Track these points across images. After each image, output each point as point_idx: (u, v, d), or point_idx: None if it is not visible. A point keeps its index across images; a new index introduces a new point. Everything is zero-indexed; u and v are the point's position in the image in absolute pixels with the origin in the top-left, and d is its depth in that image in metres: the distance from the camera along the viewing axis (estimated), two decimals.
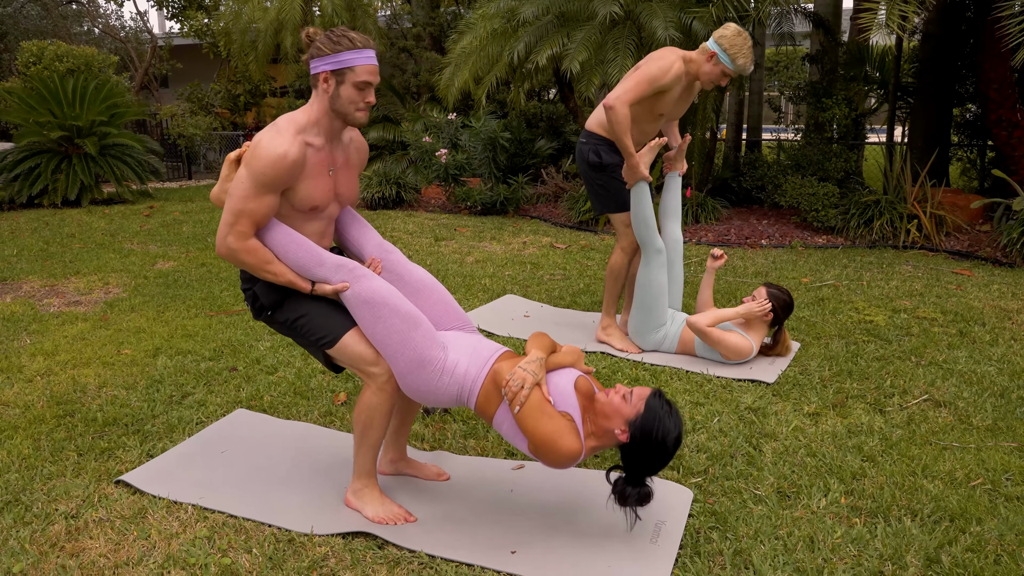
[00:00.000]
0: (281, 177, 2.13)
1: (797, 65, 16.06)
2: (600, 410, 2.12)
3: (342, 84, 2.15)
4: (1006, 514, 2.34)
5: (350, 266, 2.23)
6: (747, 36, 3.60)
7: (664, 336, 3.86)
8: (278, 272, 2.21)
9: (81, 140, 9.15)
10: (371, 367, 2.23)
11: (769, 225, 7.61)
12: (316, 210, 2.27)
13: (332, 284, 2.22)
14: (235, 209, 2.14)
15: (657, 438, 2.05)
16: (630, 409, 2.08)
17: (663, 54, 3.66)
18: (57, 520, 2.34)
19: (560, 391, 2.14)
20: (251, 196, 2.13)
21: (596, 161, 3.86)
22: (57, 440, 2.88)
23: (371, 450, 2.32)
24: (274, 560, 2.14)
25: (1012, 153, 6.92)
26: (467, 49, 7.84)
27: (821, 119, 8.07)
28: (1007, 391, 3.33)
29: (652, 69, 3.60)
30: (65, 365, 3.69)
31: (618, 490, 2.14)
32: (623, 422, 2.08)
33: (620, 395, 2.11)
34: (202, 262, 6.03)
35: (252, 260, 2.19)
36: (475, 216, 8.58)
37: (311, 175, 2.21)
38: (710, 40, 3.64)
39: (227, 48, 12.62)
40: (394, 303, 2.20)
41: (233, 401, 3.26)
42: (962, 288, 5.14)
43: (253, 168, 2.11)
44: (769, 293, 3.70)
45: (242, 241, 2.16)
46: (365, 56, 2.14)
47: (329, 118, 2.21)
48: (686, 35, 6.77)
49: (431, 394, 2.21)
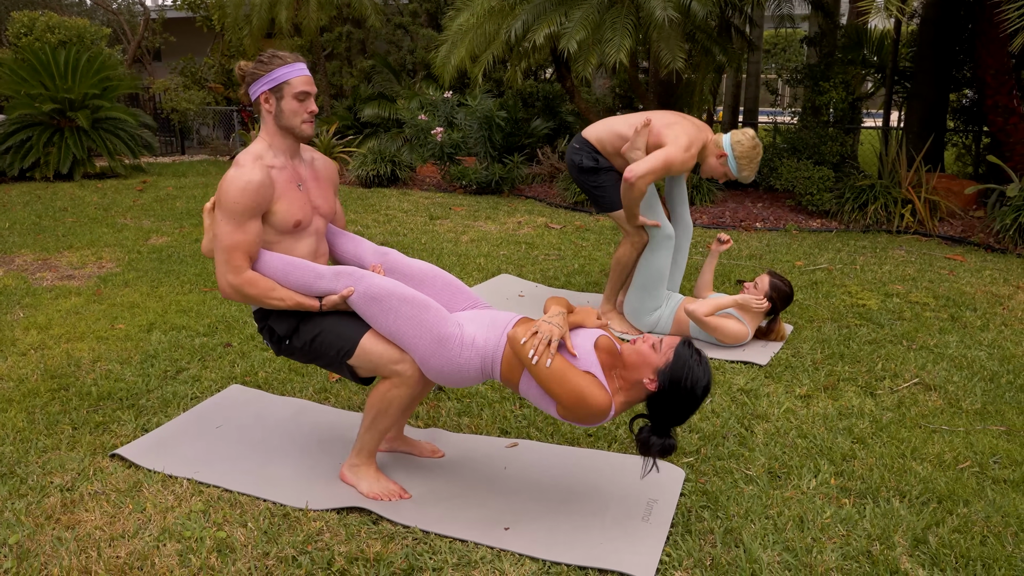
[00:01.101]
0: (254, 202, 2.18)
1: (794, 47, 15.99)
2: (628, 360, 2.10)
3: (282, 99, 2.24)
4: (993, 496, 2.37)
5: (349, 271, 2.25)
6: (760, 150, 3.64)
7: (659, 318, 3.88)
8: (284, 297, 2.24)
9: (73, 113, 9.07)
10: (396, 364, 2.21)
11: (764, 208, 7.62)
12: (300, 226, 2.31)
13: (338, 293, 2.23)
14: (224, 247, 2.19)
15: (686, 386, 2.02)
16: (659, 357, 2.06)
17: (691, 136, 3.60)
18: (52, 492, 2.34)
19: (581, 350, 2.11)
20: (234, 229, 2.18)
21: (590, 165, 3.87)
22: (52, 413, 2.88)
23: (378, 435, 2.34)
24: (269, 534, 2.15)
25: (1007, 139, 6.93)
26: (464, 27, 7.76)
27: (818, 102, 8.06)
28: (996, 376, 3.36)
29: (677, 154, 3.55)
30: (59, 339, 3.68)
31: (642, 438, 2.10)
32: (652, 371, 2.06)
33: (649, 344, 2.08)
34: (196, 238, 6.00)
35: (256, 291, 2.21)
36: (470, 195, 8.55)
37: (283, 193, 2.26)
38: (726, 139, 3.64)
39: (221, 22, 12.48)
40: (400, 292, 2.20)
41: (228, 377, 3.27)
42: (954, 273, 5.16)
43: (225, 204, 2.17)
44: (772, 283, 3.71)
45: (240, 275, 2.20)
46: (297, 69, 2.25)
47: (280, 136, 2.29)
48: (684, 15, 6.73)
49: (456, 373, 2.20)
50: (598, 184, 3.89)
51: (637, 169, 3.54)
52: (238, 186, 2.17)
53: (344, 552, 2.07)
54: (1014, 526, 2.22)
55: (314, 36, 11.52)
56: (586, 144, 3.88)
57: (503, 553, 2.09)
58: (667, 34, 6.58)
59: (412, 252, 5.60)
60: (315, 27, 10.95)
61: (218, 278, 2.23)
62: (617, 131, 3.79)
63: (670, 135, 3.61)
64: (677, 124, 3.65)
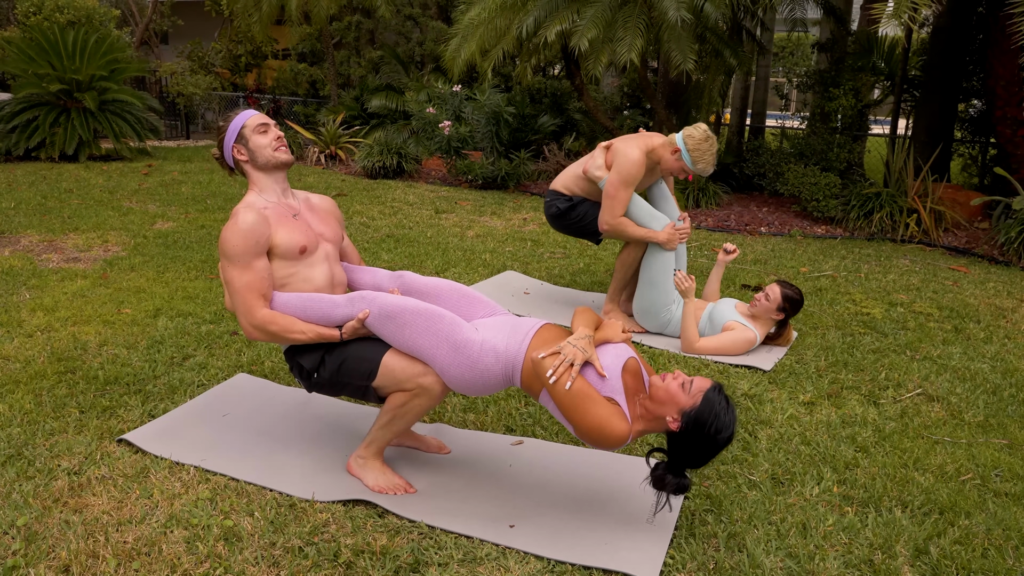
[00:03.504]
0: (252, 241, 2.25)
1: (802, 52, 15.98)
2: (655, 395, 2.07)
3: (248, 141, 2.37)
4: (994, 509, 2.39)
5: (361, 294, 2.29)
6: (713, 141, 3.76)
7: (669, 320, 3.89)
8: (305, 329, 2.28)
9: (80, 94, 9.06)
10: (420, 378, 2.22)
11: (769, 213, 7.63)
12: (307, 252, 2.37)
13: (355, 318, 2.26)
14: (236, 288, 2.26)
15: (710, 432, 2.00)
16: (687, 399, 2.03)
17: (627, 151, 3.77)
18: (60, 476, 2.36)
19: (609, 371, 2.09)
20: (241, 272, 2.25)
21: (565, 206, 4.05)
22: (58, 396, 2.89)
23: (392, 435, 2.35)
24: (275, 524, 2.17)
25: (1015, 151, 6.93)
26: (475, 20, 7.75)
27: (828, 108, 8.06)
28: (999, 389, 3.37)
29: (622, 176, 3.76)
30: (65, 322, 3.69)
31: (657, 475, 2.10)
32: (677, 411, 2.03)
33: (679, 382, 2.05)
34: (201, 224, 6.01)
35: (276, 328, 2.27)
36: (476, 190, 8.56)
37: (279, 224, 2.33)
38: (679, 135, 3.78)
39: (230, 7, 12.46)
40: (412, 306, 2.23)
41: (234, 365, 3.28)
42: (958, 284, 5.18)
43: (227, 251, 2.25)
44: (783, 293, 3.71)
45: (258, 314, 2.26)
46: (247, 114, 2.40)
47: (264, 177, 2.39)
48: (697, 17, 6.72)
49: (479, 380, 2.20)
50: (579, 216, 4.05)
51: (603, 216, 3.84)
52: (234, 231, 2.25)
53: (350, 544, 2.09)
54: (1015, 539, 2.23)
55: (324, 24, 11.51)
56: (555, 193, 4.12)
57: (508, 550, 2.10)
58: (678, 35, 6.58)
59: (418, 246, 5.61)
60: (325, 15, 10.93)
61: (240, 323, 2.30)
62: (577, 173, 4.04)
63: (617, 158, 3.79)
64: (622, 142, 3.83)
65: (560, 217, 4.09)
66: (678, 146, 3.75)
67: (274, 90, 14.32)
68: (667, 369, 3.44)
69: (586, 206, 4.03)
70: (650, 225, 3.85)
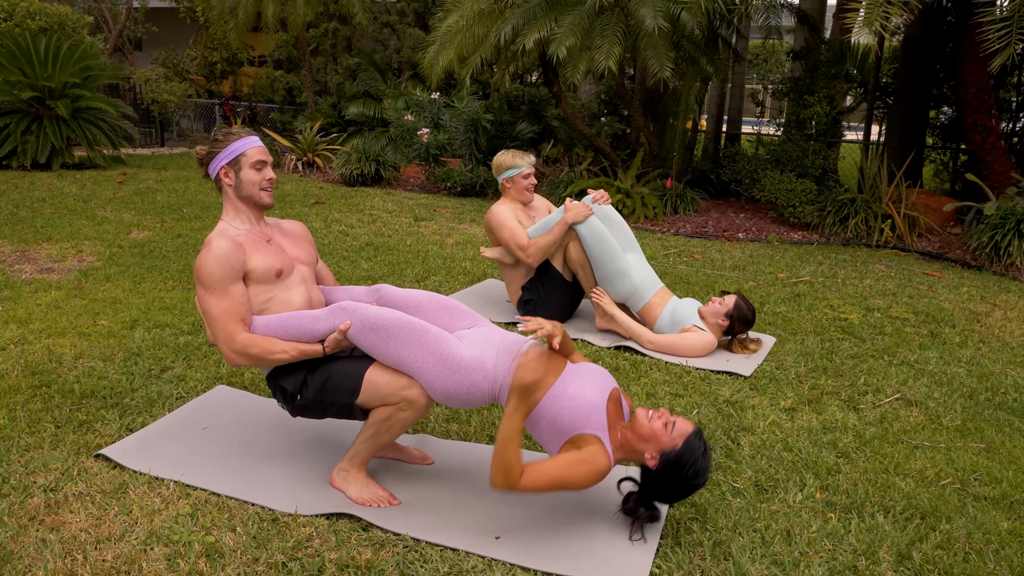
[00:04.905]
0: (228, 267, 2.23)
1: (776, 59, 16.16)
2: (639, 430, 2.14)
3: (240, 170, 2.33)
4: (974, 513, 2.42)
5: (342, 306, 2.27)
6: (506, 154, 4.08)
7: (633, 290, 3.91)
8: (287, 349, 2.26)
9: (53, 102, 8.93)
10: (405, 391, 2.20)
11: (746, 219, 7.69)
12: (283, 275, 2.35)
13: (337, 328, 2.24)
14: (215, 316, 2.23)
15: (685, 475, 2.09)
16: (668, 440, 2.11)
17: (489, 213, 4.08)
18: (36, 493, 2.31)
19: (593, 406, 2.14)
20: (219, 298, 2.23)
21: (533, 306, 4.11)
22: (33, 411, 2.84)
23: (376, 448, 2.33)
24: (258, 539, 2.14)
25: (985, 158, 7.06)
26: (453, 28, 7.75)
27: (803, 116, 8.15)
28: (975, 393, 3.42)
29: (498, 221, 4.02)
30: (39, 334, 3.62)
31: (628, 508, 2.20)
32: (657, 449, 2.11)
33: (663, 422, 2.12)
34: (178, 233, 5.94)
35: (258, 350, 2.24)
36: (454, 197, 8.55)
37: (254, 249, 2.32)
38: (499, 177, 4.13)
39: (205, 13, 12.36)
40: (396, 318, 2.22)
41: (213, 377, 3.24)
42: (933, 289, 5.25)
43: (204, 279, 2.23)
44: (736, 303, 3.75)
45: (237, 338, 2.23)
46: (251, 141, 2.35)
47: (242, 207, 2.37)
48: (673, 25, 6.78)
49: (464, 395, 2.21)
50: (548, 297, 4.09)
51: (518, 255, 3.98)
52: (208, 259, 2.23)
53: (334, 559, 2.06)
54: (995, 543, 2.26)
55: (300, 31, 11.45)
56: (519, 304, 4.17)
57: (494, 562, 2.09)
58: (655, 43, 6.62)
59: (398, 254, 5.58)
60: (302, 22, 10.88)
61: (222, 351, 2.27)
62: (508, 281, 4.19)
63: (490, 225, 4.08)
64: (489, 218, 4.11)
65: (536, 312, 4.09)
66: (503, 179, 4.11)
67: (250, 97, 14.22)
68: (647, 376, 3.45)
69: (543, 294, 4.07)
70: (550, 226, 3.92)
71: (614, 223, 4.00)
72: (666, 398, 3.22)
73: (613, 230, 4.00)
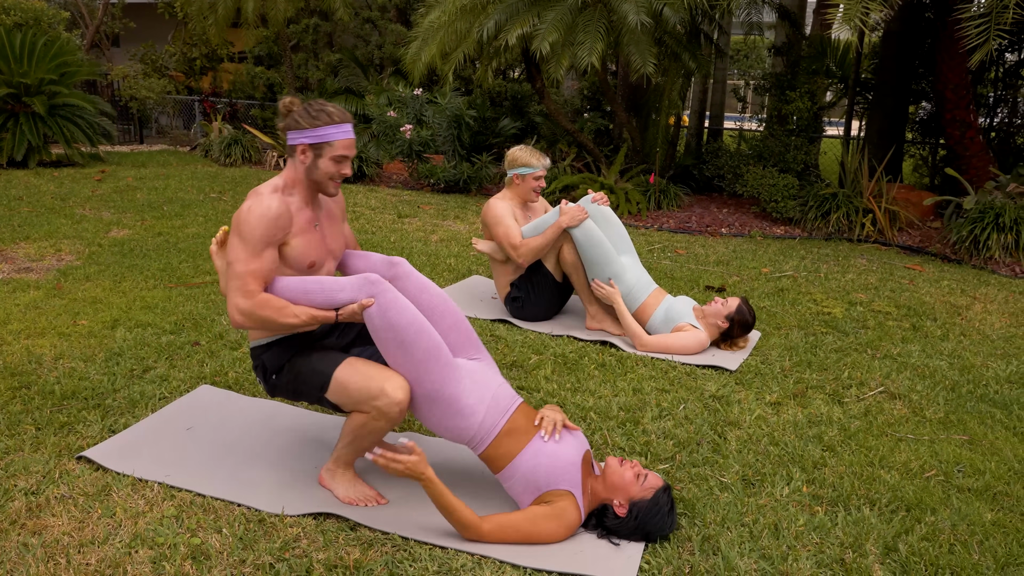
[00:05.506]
0: (272, 230, 2.15)
1: (757, 54, 16.25)
2: (610, 478, 2.22)
3: (320, 157, 2.23)
4: (958, 505, 2.44)
5: (373, 279, 2.16)
6: (522, 147, 4.09)
7: (626, 293, 3.90)
8: (299, 313, 2.17)
9: (29, 98, 8.79)
10: (375, 401, 2.15)
11: (729, 214, 7.73)
12: (314, 267, 2.30)
13: (358, 302, 2.16)
14: (239, 273, 2.13)
15: (649, 528, 2.16)
16: (638, 491, 2.19)
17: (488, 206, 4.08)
18: (17, 496, 2.27)
19: (570, 464, 2.21)
20: (249, 256, 2.14)
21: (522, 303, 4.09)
22: (13, 413, 2.79)
23: (356, 453, 2.31)
24: (245, 541, 2.12)
25: (964, 152, 7.13)
26: (435, 24, 7.72)
27: (784, 111, 8.19)
28: (957, 385, 3.45)
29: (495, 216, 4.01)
30: (18, 335, 3.57)
31: (593, 526, 2.25)
32: (626, 498, 2.19)
33: (634, 473, 2.20)
34: (159, 231, 5.87)
35: (269, 311, 2.15)
36: (438, 193, 8.52)
37: (300, 231, 2.24)
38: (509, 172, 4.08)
39: (184, 9, 12.22)
40: (415, 322, 2.16)
41: (197, 376, 3.20)
42: (914, 283, 5.30)
43: (243, 231, 2.13)
44: (738, 307, 3.74)
45: (253, 298, 2.14)
46: (343, 131, 2.22)
47: (304, 185, 2.27)
48: (656, 21, 6.79)
49: (445, 432, 2.25)
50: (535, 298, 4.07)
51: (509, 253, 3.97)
52: (257, 213, 2.13)
53: (322, 559, 2.05)
54: (979, 535, 2.28)
55: (281, 27, 11.35)
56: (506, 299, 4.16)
57: (484, 560, 2.08)
58: (638, 38, 6.63)
59: (382, 251, 5.55)
60: (282, 18, 10.78)
61: (229, 305, 2.16)
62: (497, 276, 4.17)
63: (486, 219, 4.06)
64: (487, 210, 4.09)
65: (523, 310, 4.09)
66: (514, 174, 4.05)
67: (230, 93, 14.09)
68: (634, 372, 3.45)
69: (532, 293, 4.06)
70: (544, 227, 3.91)
71: (611, 224, 4.00)
72: (652, 393, 3.22)
73: (609, 231, 3.99)
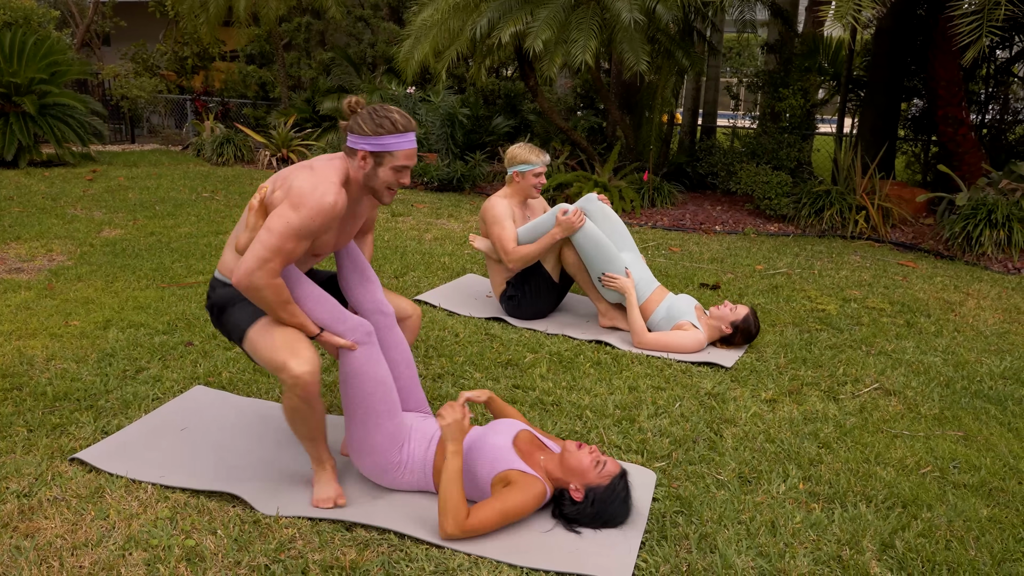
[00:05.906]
0: (326, 223, 2.14)
1: (750, 52, 16.25)
2: (567, 461, 2.22)
3: (380, 166, 2.20)
4: (954, 501, 2.44)
5: (368, 330, 2.26)
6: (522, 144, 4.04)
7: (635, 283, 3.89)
8: (294, 312, 2.20)
9: (19, 98, 8.73)
10: (279, 373, 2.14)
11: (723, 211, 7.73)
12: (318, 257, 2.33)
13: (345, 339, 2.23)
14: (273, 246, 2.09)
15: (605, 514, 2.19)
16: (595, 477, 2.20)
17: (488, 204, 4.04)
18: (8, 499, 2.25)
19: (497, 448, 2.23)
20: (293, 238, 2.11)
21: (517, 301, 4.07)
22: (4, 415, 2.77)
23: (309, 442, 2.30)
24: (240, 542, 2.10)
25: (956, 149, 7.14)
26: (428, 22, 7.69)
27: (777, 108, 8.20)
28: (952, 381, 3.46)
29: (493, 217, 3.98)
30: (10, 336, 3.54)
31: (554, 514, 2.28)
32: (583, 484, 2.20)
33: (592, 459, 2.20)
34: (151, 231, 5.84)
35: (273, 297, 2.15)
36: (432, 192, 8.50)
37: (333, 228, 2.26)
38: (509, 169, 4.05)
39: (175, 8, 12.16)
40: (384, 387, 2.26)
41: (190, 377, 3.18)
42: (907, 280, 5.31)
43: (303, 214, 2.10)
44: (745, 316, 3.72)
45: (271, 279, 2.12)
46: (406, 140, 2.19)
47: (358, 186, 2.27)
48: (649, 18, 6.78)
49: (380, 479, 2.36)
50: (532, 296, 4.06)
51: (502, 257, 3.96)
52: (324, 205, 2.11)
53: (318, 560, 2.03)
54: (975, 531, 2.29)
55: (273, 26, 11.30)
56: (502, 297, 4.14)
57: (480, 559, 2.07)
58: (631, 36, 6.62)
59: (376, 249, 5.53)
60: (274, 16, 10.74)
61: (244, 267, 2.09)
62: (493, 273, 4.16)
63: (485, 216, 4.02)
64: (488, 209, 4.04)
65: (519, 308, 4.08)
66: (514, 171, 4.01)
67: (222, 92, 14.02)
68: (629, 369, 3.45)
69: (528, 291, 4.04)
70: (539, 231, 3.89)
71: (610, 221, 4.00)
72: (648, 391, 3.22)
73: (609, 228, 3.98)
